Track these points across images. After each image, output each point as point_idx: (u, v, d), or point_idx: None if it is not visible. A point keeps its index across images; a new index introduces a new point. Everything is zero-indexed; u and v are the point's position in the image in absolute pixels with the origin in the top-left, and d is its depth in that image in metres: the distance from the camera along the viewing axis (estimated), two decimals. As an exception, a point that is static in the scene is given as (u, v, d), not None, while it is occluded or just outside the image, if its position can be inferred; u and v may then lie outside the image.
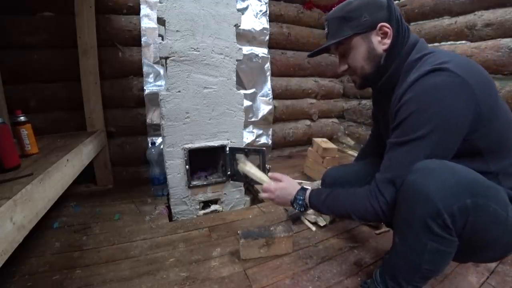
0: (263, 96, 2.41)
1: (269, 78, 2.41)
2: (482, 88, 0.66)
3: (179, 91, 1.36)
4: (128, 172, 2.08)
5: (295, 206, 0.98)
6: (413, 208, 0.66)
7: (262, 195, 1.07)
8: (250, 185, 1.84)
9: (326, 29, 0.86)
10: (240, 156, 1.07)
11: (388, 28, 0.77)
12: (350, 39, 0.80)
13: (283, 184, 1.03)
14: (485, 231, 0.65)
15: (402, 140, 0.71)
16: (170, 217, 1.51)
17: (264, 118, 2.42)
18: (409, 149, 0.70)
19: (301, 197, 0.96)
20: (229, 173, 1.54)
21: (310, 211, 1.27)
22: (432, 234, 0.64)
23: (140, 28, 1.92)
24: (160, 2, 1.27)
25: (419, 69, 0.71)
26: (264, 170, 1.43)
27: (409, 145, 0.70)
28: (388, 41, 0.78)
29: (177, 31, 1.31)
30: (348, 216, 0.84)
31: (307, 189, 0.98)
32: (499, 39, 1.71)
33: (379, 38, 0.79)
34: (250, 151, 1.46)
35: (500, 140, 0.71)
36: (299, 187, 1.00)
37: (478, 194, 0.62)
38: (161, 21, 1.30)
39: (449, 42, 1.95)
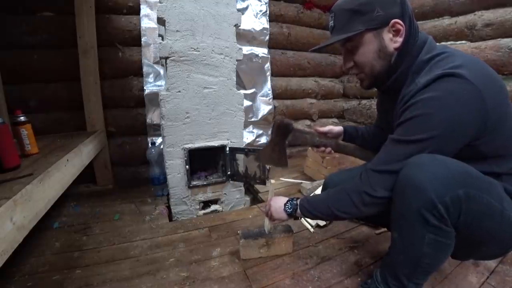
0: (263, 96, 2.41)
1: (269, 78, 2.41)
2: (493, 95, 0.65)
3: (179, 91, 1.36)
4: (128, 172, 2.07)
5: (286, 208, 0.96)
6: (408, 201, 0.67)
7: (264, 209, 1.09)
8: (250, 185, 1.84)
9: (332, 21, 0.79)
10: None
11: (401, 25, 0.72)
12: (361, 35, 0.75)
13: (278, 196, 1.05)
14: (480, 223, 0.66)
15: (403, 139, 0.71)
16: (170, 217, 1.51)
17: (264, 118, 2.42)
18: (408, 148, 0.70)
19: (294, 201, 0.96)
20: (229, 173, 1.54)
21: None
22: (429, 225, 0.65)
23: (140, 28, 1.92)
24: (160, 2, 1.27)
25: (429, 72, 0.69)
26: (264, 170, 1.44)
27: (409, 145, 0.69)
28: (400, 39, 0.73)
29: (177, 31, 1.31)
30: (331, 210, 0.83)
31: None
32: (499, 39, 1.71)
33: (391, 36, 0.74)
34: (250, 151, 1.46)
35: (505, 145, 0.71)
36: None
37: (470, 185, 0.63)
38: (161, 21, 1.30)
39: (449, 42, 1.95)
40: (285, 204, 0.97)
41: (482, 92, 0.63)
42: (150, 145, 1.98)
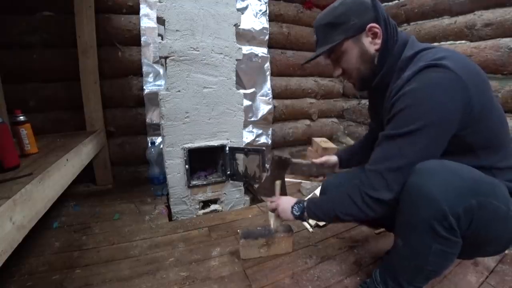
0: (262, 95, 2.41)
1: (268, 77, 2.41)
2: (476, 85, 0.66)
3: (179, 91, 1.36)
4: (128, 172, 2.07)
5: (294, 210, 0.95)
6: (417, 210, 0.66)
7: (269, 205, 1.06)
8: (249, 184, 1.84)
9: (315, 36, 0.86)
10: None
11: (377, 28, 0.77)
12: (341, 44, 0.80)
13: (287, 197, 1.04)
14: (488, 229, 0.66)
15: (394, 133, 0.71)
16: (170, 216, 1.51)
17: (264, 117, 2.41)
18: (401, 142, 0.70)
19: (301, 204, 0.95)
20: (228, 172, 1.54)
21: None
22: (438, 236, 0.64)
23: (139, 28, 1.92)
24: (159, 2, 1.27)
25: (414, 66, 0.70)
26: (264, 169, 1.44)
27: (401, 139, 0.69)
28: (378, 41, 0.78)
29: (176, 30, 1.31)
30: (335, 213, 0.82)
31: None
32: (498, 39, 1.71)
33: (370, 39, 0.79)
34: (250, 150, 1.46)
35: (491, 137, 0.71)
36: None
37: (482, 193, 0.62)
38: (160, 21, 1.30)
39: (448, 42, 1.95)
40: (292, 207, 0.95)
41: (465, 81, 0.64)
42: (149, 144, 1.98)
